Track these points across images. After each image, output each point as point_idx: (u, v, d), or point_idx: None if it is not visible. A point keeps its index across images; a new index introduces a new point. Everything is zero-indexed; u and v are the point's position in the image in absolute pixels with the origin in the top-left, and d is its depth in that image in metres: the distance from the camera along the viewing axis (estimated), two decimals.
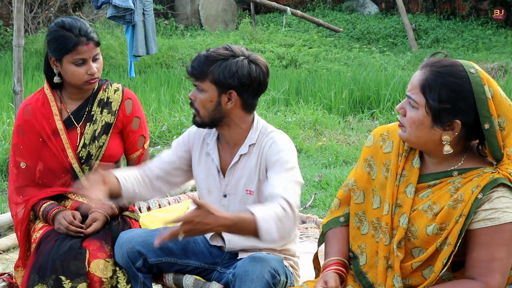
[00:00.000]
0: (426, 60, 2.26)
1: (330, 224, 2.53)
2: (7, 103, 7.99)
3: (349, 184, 2.49)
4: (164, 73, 10.38)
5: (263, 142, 2.75)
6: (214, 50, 2.68)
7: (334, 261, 2.42)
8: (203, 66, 2.65)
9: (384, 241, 2.31)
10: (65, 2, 13.64)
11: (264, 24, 14.33)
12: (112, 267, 2.84)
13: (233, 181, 2.79)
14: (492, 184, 2.16)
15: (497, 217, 2.14)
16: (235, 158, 2.78)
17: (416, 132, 2.22)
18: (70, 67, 2.99)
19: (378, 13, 15.05)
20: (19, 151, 3.11)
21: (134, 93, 3.25)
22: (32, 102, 3.12)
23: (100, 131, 3.10)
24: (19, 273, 3.11)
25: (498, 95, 2.18)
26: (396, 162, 2.34)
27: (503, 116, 2.18)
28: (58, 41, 2.97)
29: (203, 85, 2.67)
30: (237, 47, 2.70)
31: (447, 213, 2.19)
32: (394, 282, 2.27)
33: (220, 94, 2.67)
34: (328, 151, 6.64)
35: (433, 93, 2.16)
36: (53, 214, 3.00)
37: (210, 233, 2.61)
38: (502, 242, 2.14)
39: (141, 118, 3.20)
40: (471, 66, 2.19)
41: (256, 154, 2.75)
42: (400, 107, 2.27)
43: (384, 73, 9.63)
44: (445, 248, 2.19)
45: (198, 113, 2.72)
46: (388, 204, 2.32)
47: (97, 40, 3.00)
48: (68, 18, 3.02)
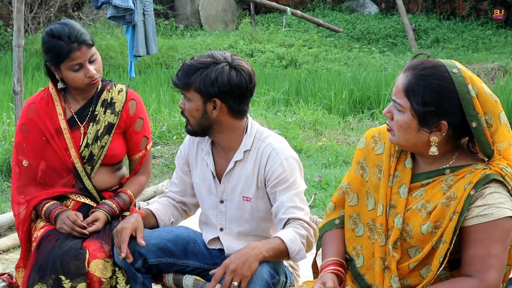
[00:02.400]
0: (408, 63, 2.25)
1: (326, 227, 2.54)
2: (7, 103, 7.99)
3: (343, 187, 2.50)
4: (164, 73, 10.38)
5: (260, 148, 2.74)
6: (197, 59, 2.69)
7: (332, 262, 2.42)
8: (186, 76, 2.67)
9: (380, 242, 2.32)
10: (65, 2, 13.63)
11: (264, 24, 14.33)
12: (111, 267, 2.84)
13: (229, 187, 2.79)
14: (484, 180, 2.16)
15: (491, 213, 2.15)
16: (230, 164, 2.77)
17: (404, 135, 2.23)
18: (68, 74, 3.00)
19: (378, 13, 15.05)
20: (22, 149, 3.11)
21: (138, 94, 3.26)
22: (36, 101, 3.13)
23: (103, 131, 3.10)
24: (20, 273, 3.11)
25: (483, 93, 2.19)
26: (388, 163, 2.35)
27: (490, 113, 2.19)
28: (52, 51, 2.98)
29: (188, 94, 2.69)
30: (220, 54, 2.68)
31: (440, 211, 2.20)
32: (391, 283, 2.28)
33: (205, 103, 2.67)
34: (328, 151, 6.64)
35: (417, 96, 2.16)
36: (55, 214, 3.00)
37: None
38: (497, 238, 2.15)
39: (144, 119, 3.21)
40: (453, 66, 2.19)
41: (253, 161, 2.74)
42: (387, 111, 2.28)
43: (384, 73, 9.63)
44: (440, 246, 2.19)
45: (188, 122, 2.74)
46: (382, 205, 2.32)
47: (89, 41, 2.99)
48: (57, 25, 3.00)
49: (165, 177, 6.12)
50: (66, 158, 3.07)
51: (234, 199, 2.78)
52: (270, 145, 2.73)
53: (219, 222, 2.85)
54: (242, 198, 2.77)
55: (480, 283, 2.14)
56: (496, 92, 8.14)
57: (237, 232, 2.83)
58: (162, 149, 6.81)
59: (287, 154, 2.71)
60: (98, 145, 3.09)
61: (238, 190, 2.77)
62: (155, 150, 6.72)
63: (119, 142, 3.15)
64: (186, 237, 2.90)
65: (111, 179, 3.18)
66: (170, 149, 6.81)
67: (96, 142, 3.09)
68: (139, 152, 3.21)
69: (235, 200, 2.78)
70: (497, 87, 8.63)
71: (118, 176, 3.22)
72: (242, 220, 2.81)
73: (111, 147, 3.11)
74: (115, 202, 3.07)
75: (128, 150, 3.21)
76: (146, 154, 3.22)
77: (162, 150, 6.79)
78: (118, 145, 3.14)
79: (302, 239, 2.60)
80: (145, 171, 3.25)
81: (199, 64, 2.66)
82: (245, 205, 2.77)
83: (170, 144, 6.97)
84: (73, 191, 3.09)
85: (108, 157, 3.11)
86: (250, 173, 2.74)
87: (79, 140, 3.09)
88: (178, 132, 7.08)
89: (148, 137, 3.22)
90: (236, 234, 2.84)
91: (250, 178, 2.74)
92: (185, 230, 2.95)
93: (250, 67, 2.71)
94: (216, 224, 2.86)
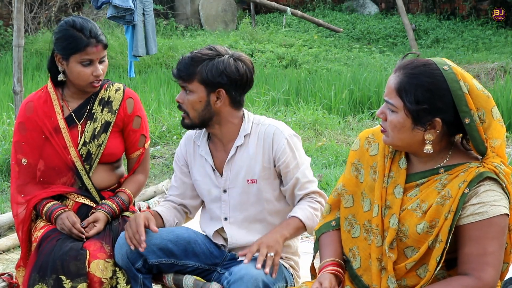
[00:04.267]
0: (398, 63, 2.26)
1: (322, 229, 2.54)
2: (7, 103, 8.00)
3: (338, 189, 2.50)
4: (164, 73, 10.38)
5: (261, 130, 2.81)
6: (199, 51, 2.75)
7: (330, 262, 2.42)
8: (189, 67, 2.72)
9: (376, 243, 2.32)
10: (65, 2, 13.64)
11: (264, 24, 14.33)
12: (112, 267, 2.84)
13: (232, 175, 2.82)
14: (478, 178, 2.17)
15: (486, 211, 2.15)
16: (231, 151, 2.81)
17: (398, 135, 2.23)
18: (76, 67, 3.00)
19: (378, 13, 15.05)
20: (20, 148, 3.11)
21: (135, 93, 3.26)
22: (34, 100, 3.13)
23: (100, 130, 3.10)
24: (21, 273, 3.11)
25: (474, 89, 2.19)
26: (383, 164, 2.35)
27: (482, 108, 2.19)
28: (68, 40, 2.99)
29: (191, 86, 2.73)
30: (220, 47, 2.77)
31: (435, 210, 2.20)
32: (388, 283, 2.27)
33: (209, 94, 2.73)
34: (328, 151, 6.64)
35: (409, 95, 2.17)
36: (56, 215, 3.00)
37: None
38: (492, 235, 2.15)
39: (142, 118, 3.21)
40: (444, 63, 2.19)
41: (254, 143, 2.80)
42: (381, 112, 2.28)
43: (384, 73, 9.63)
44: (437, 245, 2.19)
45: (187, 115, 2.77)
46: (378, 206, 2.32)
47: (106, 43, 3.04)
48: (79, 18, 3.04)
49: (165, 177, 6.12)
50: (65, 156, 3.07)
51: (238, 185, 2.82)
52: (272, 126, 2.82)
53: (223, 212, 2.86)
54: (247, 182, 2.80)
55: (476, 281, 2.14)
56: (496, 92, 8.14)
57: (241, 219, 2.84)
58: (162, 149, 6.81)
59: (290, 132, 2.82)
60: (95, 143, 3.09)
61: (241, 175, 2.81)
62: (155, 150, 6.72)
63: (117, 141, 3.15)
64: (187, 238, 2.90)
65: (109, 177, 3.17)
66: (170, 149, 6.81)
67: (94, 140, 3.09)
68: (137, 150, 3.20)
69: (239, 186, 2.82)
70: (497, 87, 8.63)
71: (117, 175, 3.22)
72: (248, 204, 2.83)
73: (109, 145, 3.11)
74: (115, 202, 3.06)
75: (126, 148, 3.20)
76: (144, 153, 3.22)
77: (162, 150, 6.79)
78: (115, 144, 3.14)
79: (316, 212, 2.77)
80: (143, 170, 3.24)
81: (203, 55, 2.72)
82: (251, 188, 2.80)
83: (170, 144, 6.97)
84: (73, 190, 3.09)
85: (105, 155, 3.11)
86: (253, 156, 2.79)
87: (76, 138, 3.09)
88: (178, 132, 7.08)
89: (146, 136, 3.22)
90: (240, 222, 2.84)
91: (253, 160, 2.79)
92: (186, 231, 2.95)
93: (250, 58, 2.81)
94: (220, 214, 2.87)
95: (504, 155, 2.24)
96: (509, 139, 7.08)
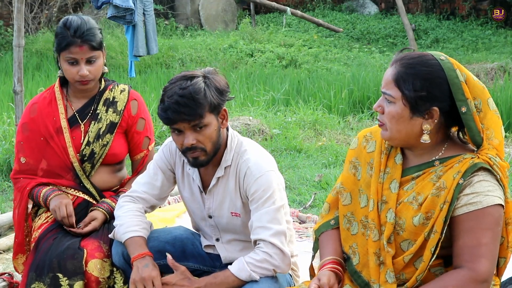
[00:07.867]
0: (395, 57, 2.30)
1: (322, 228, 2.55)
2: (7, 103, 8.00)
3: (337, 187, 2.52)
4: (164, 73, 10.39)
5: (239, 165, 2.67)
6: (185, 86, 2.50)
7: (329, 261, 2.43)
8: (195, 103, 2.50)
9: (372, 237, 2.33)
10: (65, 2, 13.64)
11: (264, 24, 14.34)
12: (109, 267, 2.85)
13: (216, 203, 2.75)
14: (472, 168, 2.18)
15: (479, 201, 2.16)
16: (213, 181, 2.72)
17: (396, 126, 2.25)
18: (64, 64, 3.03)
19: (378, 13, 15.05)
20: (21, 148, 3.14)
21: (140, 95, 3.27)
22: (39, 101, 3.16)
23: (105, 130, 3.11)
24: (20, 260, 3.13)
25: (471, 79, 2.22)
26: (379, 160, 2.37)
27: (478, 98, 2.22)
28: (57, 37, 3.03)
29: (205, 120, 2.53)
30: (189, 72, 2.59)
31: (431, 201, 2.21)
32: (387, 277, 2.29)
33: (217, 118, 2.59)
34: (328, 151, 6.65)
35: (407, 84, 2.20)
36: (54, 195, 3.02)
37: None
38: (486, 226, 2.15)
39: (146, 120, 3.22)
40: (440, 54, 2.24)
41: (234, 177, 2.69)
42: (378, 105, 2.30)
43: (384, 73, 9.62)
44: (432, 236, 2.20)
45: (205, 152, 2.58)
46: (373, 201, 2.34)
47: (93, 44, 2.99)
48: (74, 17, 3.04)
49: None
50: (65, 156, 3.08)
51: (223, 214, 2.74)
52: (246, 163, 2.65)
53: (213, 233, 2.84)
54: (231, 214, 2.74)
55: (470, 272, 2.14)
56: (496, 92, 8.14)
57: (233, 239, 2.82)
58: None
59: (263, 171, 2.63)
60: (99, 143, 3.09)
61: (225, 206, 2.73)
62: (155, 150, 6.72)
63: (121, 142, 3.16)
64: (184, 239, 2.89)
65: (111, 179, 3.18)
66: None
67: (98, 140, 3.09)
68: (141, 152, 3.22)
69: (224, 216, 2.75)
70: (497, 87, 8.63)
71: (119, 177, 3.22)
72: (235, 232, 2.79)
73: (113, 146, 3.12)
74: (115, 200, 3.07)
75: (130, 150, 3.22)
76: (148, 155, 3.23)
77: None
78: (119, 145, 3.15)
79: (259, 263, 2.54)
80: None
81: (197, 84, 2.52)
82: (235, 220, 2.75)
83: None
84: (74, 185, 3.10)
85: (109, 156, 3.12)
86: (233, 190, 2.70)
87: (79, 138, 3.10)
88: None
89: (150, 138, 3.24)
90: (232, 241, 2.82)
91: (234, 195, 2.71)
92: (184, 232, 2.94)
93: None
94: (211, 235, 2.85)
95: (502, 152, 2.25)
96: (509, 139, 7.08)
